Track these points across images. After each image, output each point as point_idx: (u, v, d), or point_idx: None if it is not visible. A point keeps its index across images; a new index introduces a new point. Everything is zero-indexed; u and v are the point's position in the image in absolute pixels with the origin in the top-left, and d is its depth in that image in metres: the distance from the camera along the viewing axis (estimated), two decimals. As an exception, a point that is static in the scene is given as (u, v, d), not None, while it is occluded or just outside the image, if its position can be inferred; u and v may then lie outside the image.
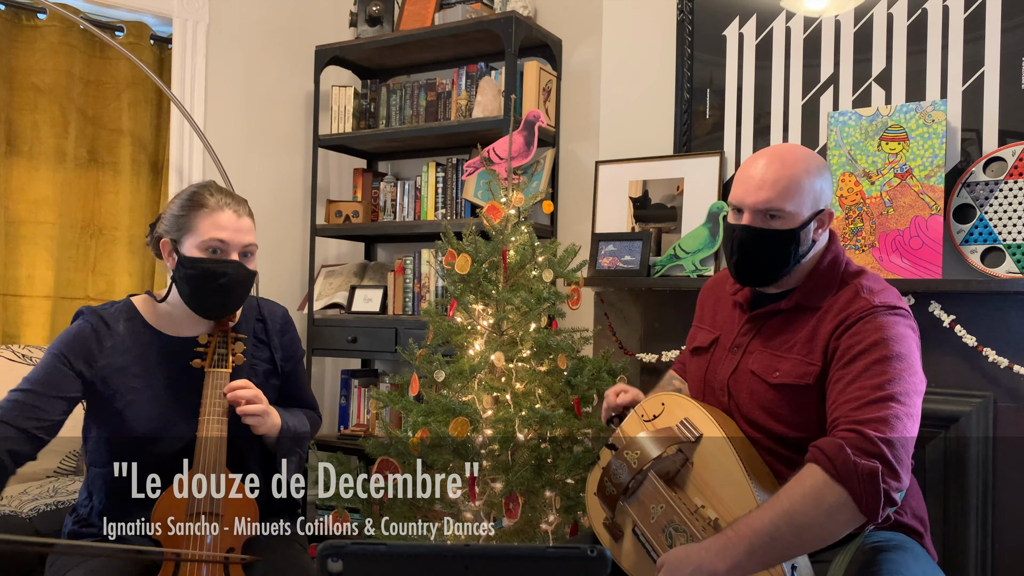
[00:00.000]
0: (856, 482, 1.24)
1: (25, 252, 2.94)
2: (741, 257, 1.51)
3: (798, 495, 1.26)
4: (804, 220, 1.48)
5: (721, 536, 1.25)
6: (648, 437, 1.48)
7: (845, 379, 1.38)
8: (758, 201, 1.47)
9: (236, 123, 3.38)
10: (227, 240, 1.58)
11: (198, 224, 1.58)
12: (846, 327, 1.43)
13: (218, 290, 1.59)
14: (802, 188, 1.47)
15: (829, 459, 1.27)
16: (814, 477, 1.27)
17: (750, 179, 1.49)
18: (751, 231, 1.48)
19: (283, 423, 1.66)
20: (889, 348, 1.37)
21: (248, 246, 1.62)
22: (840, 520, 1.26)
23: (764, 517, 1.24)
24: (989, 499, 2.08)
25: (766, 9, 2.52)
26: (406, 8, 3.34)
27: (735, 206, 1.52)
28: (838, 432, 1.32)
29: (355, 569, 0.81)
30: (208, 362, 1.62)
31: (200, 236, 1.58)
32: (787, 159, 1.48)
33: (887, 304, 1.43)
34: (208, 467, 1.54)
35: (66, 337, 1.63)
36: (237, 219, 1.60)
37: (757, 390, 1.51)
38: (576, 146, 3.15)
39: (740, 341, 1.58)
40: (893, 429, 1.29)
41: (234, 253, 1.60)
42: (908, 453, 1.31)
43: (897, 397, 1.32)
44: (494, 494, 2.16)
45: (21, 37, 2.93)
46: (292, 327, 1.82)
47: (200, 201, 1.60)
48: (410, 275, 3.25)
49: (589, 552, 0.81)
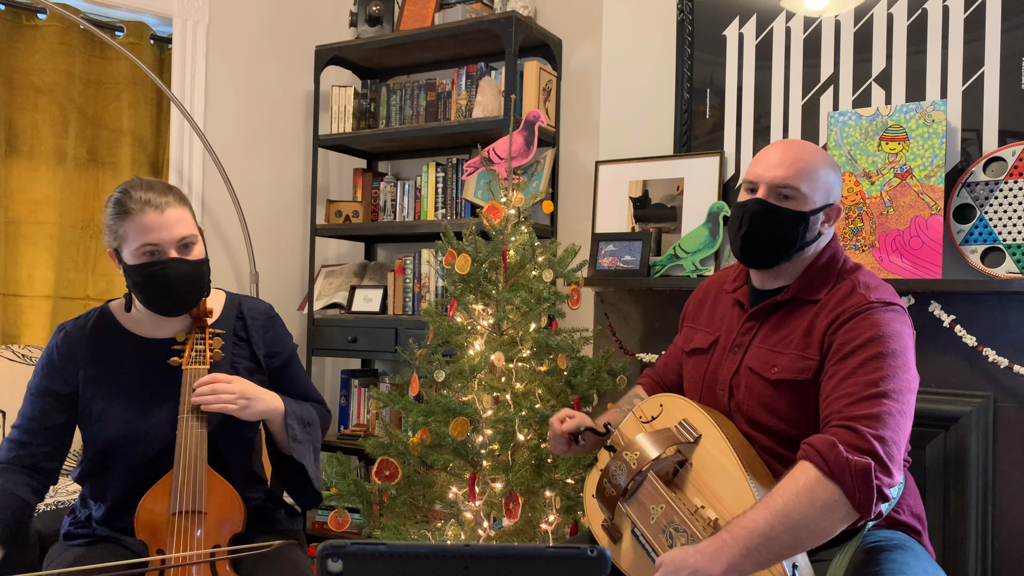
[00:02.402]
0: (848, 478, 1.25)
1: (25, 252, 2.94)
2: (750, 229, 1.51)
3: (791, 493, 1.26)
4: (815, 207, 1.50)
5: (716, 538, 1.25)
6: (647, 438, 1.48)
7: (839, 375, 1.39)
8: (775, 177, 1.50)
9: (236, 123, 3.38)
10: (157, 242, 1.53)
11: (127, 231, 1.54)
12: (842, 322, 1.43)
13: (166, 290, 1.55)
14: (818, 175, 1.50)
15: (821, 456, 1.28)
16: (807, 474, 1.27)
17: (769, 159, 1.52)
18: (764, 205, 1.50)
19: (286, 406, 1.64)
20: (884, 345, 1.37)
21: (183, 239, 1.56)
22: (834, 517, 1.26)
23: (758, 517, 1.24)
24: (989, 499, 2.08)
25: (766, 9, 2.52)
26: (406, 8, 3.34)
27: (749, 184, 1.54)
28: (830, 428, 1.33)
29: (355, 569, 0.80)
30: (185, 359, 1.60)
31: (133, 243, 1.54)
32: (806, 147, 1.53)
33: (883, 300, 1.44)
34: (189, 465, 1.53)
35: (40, 364, 1.64)
36: (160, 216, 1.53)
37: (756, 387, 1.51)
38: (576, 146, 3.15)
39: (741, 340, 1.58)
40: (885, 426, 1.30)
41: (170, 250, 1.54)
42: (900, 450, 1.31)
43: (890, 394, 1.33)
44: (494, 494, 2.16)
45: (21, 37, 2.93)
46: (277, 323, 1.78)
47: (123, 207, 1.55)
48: (410, 275, 3.25)
49: (589, 552, 0.81)
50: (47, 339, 2.92)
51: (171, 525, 1.49)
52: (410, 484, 2.25)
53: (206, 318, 1.66)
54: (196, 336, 1.64)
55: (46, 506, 2.30)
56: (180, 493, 1.51)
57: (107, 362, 1.62)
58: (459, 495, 2.22)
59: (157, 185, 1.59)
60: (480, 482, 2.16)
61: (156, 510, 1.51)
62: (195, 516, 1.51)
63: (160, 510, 1.51)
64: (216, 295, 1.75)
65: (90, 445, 1.61)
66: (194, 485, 1.52)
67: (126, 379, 1.62)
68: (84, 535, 1.62)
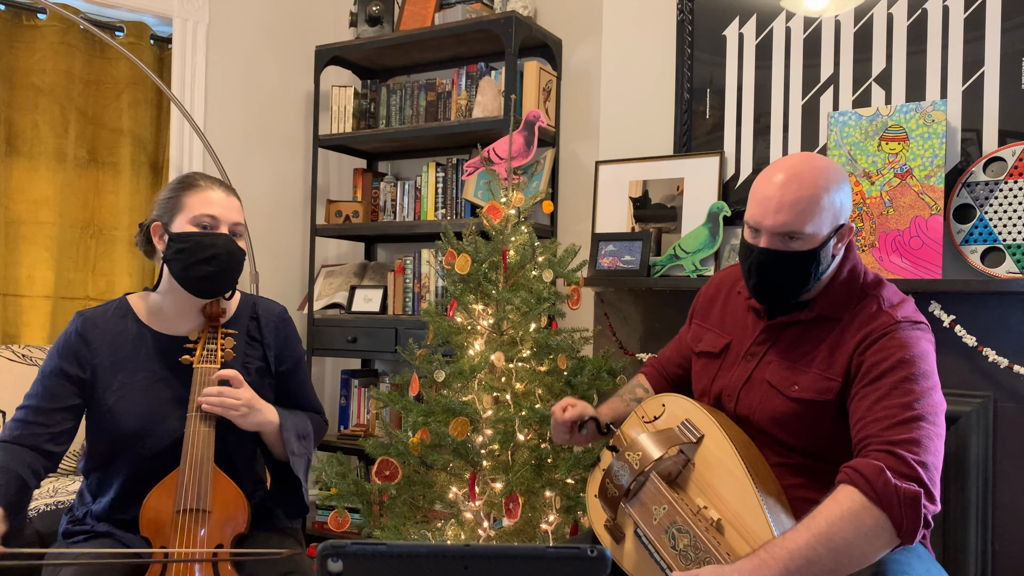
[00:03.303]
0: (897, 505, 1.23)
1: (25, 252, 2.94)
2: (760, 281, 1.47)
3: (836, 517, 1.24)
4: (824, 239, 1.43)
5: (755, 556, 1.23)
6: (649, 438, 1.48)
7: (871, 396, 1.36)
8: (776, 224, 1.42)
9: (236, 123, 3.38)
10: (217, 215, 1.60)
11: (188, 202, 1.61)
12: (870, 343, 1.40)
13: (209, 262, 1.58)
14: (821, 207, 1.41)
15: (868, 482, 1.25)
16: (852, 500, 1.25)
17: (768, 200, 1.43)
18: (769, 254, 1.44)
19: (281, 420, 1.65)
20: (916, 366, 1.36)
21: (236, 225, 1.63)
22: (878, 544, 1.24)
23: (800, 539, 1.22)
24: (989, 499, 2.08)
25: (766, 9, 2.52)
26: (406, 8, 3.34)
27: (752, 226, 1.48)
28: (871, 453, 1.30)
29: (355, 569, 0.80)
30: (196, 358, 1.61)
31: (191, 212, 1.60)
32: (806, 178, 1.42)
33: (909, 319, 1.42)
34: (195, 463, 1.53)
35: (56, 346, 1.64)
36: (225, 197, 1.63)
37: (772, 401, 1.49)
38: (576, 146, 3.15)
39: (755, 350, 1.55)
40: (927, 451, 1.28)
41: (224, 228, 1.61)
42: (939, 473, 1.30)
43: (927, 416, 1.31)
44: (494, 494, 2.16)
45: (21, 37, 2.93)
46: (289, 327, 1.79)
47: (190, 182, 1.64)
48: (410, 275, 3.25)
49: (589, 552, 0.81)
50: (47, 339, 2.93)
51: (175, 523, 1.50)
52: (410, 484, 2.25)
53: (219, 317, 1.67)
54: (209, 335, 1.65)
55: (46, 506, 2.30)
56: (185, 491, 1.51)
57: (123, 352, 1.63)
58: (459, 495, 2.22)
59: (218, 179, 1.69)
60: (480, 482, 2.16)
61: (161, 507, 1.51)
62: (199, 515, 1.51)
63: (165, 507, 1.51)
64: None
65: (99, 436, 1.61)
66: (200, 484, 1.52)
67: (141, 372, 1.62)
68: (82, 532, 1.62)
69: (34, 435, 1.56)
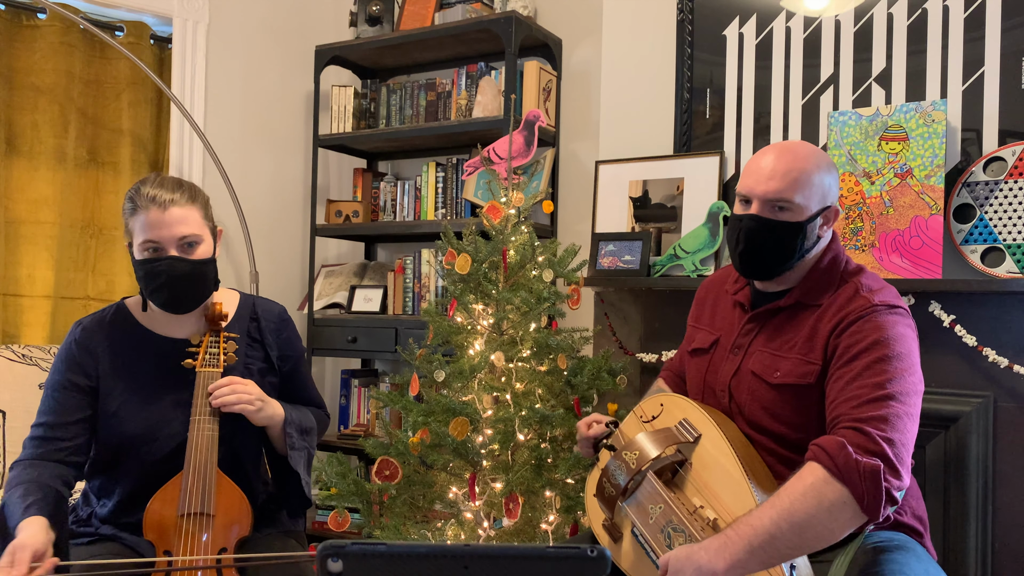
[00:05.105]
0: (858, 480, 1.24)
1: (25, 252, 2.94)
2: (747, 247, 1.51)
3: (798, 493, 1.25)
4: (811, 214, 1.48)
5: (721, 535, 1.25)
6: (646, 437, 1.48)
7: (845, 377, 1.38)
8: (768, 191, 1.47)
9: (236, 123, 3.38)
10: (158, 239, 1.54)
11: (133, 227, 1.57)
12: (846, 325, 1.43)
13: (163, 287, 1.56)
14: (811, 182, 1.47)
15: (830, 457, 1.27)
16: (814, 475, 1.27)
17: (760, 170, 1.49)
18: (759, 220, 1.49)
19: (286, 414, 1.65)
20: (889, 347, 1.37)
21: (184, 237, 1.56)
22: (841, 519, 1.25)
23: (764, 516, 1.24)
24: (989, 499, 2.08)
25: (766, 9, 2.52)
26: (406, 8, 3.34)
27: (743, 196, 1.52)
28: (838, 430, 1.32)
29: (355, 569, 0.80)
30: (199, 362, 1.61)
31: (137, 239, 1.57)
32: (798, 153, 1.49)
33: (886, 303, 1.43)
34: (199, 467, 1.53)
35: (58, 359, 1.63)
36: (162, 214, 1.53)
37: (758, 391, 1.51)
38: (576, 146, 3.15)
39: (741, 342, 1.58)
40: (894, 428, 1.29)
41: (171, 248, 1.55)
42: (909, 452, 1.31)
43: (897, 396, 1.32)
44: (494, 494, 2.16)
45: (21, 37, 2.93)
46: (289, 326, 1.80)
47: (132, 203, 1.58)
48: (410, 275, 3.25)
49: (589, 552, 0.81)
50: (47, 339, 2.93)
51: (179, 527, 1.49)
52: (410, 484, 2.25)
53: (221, 321, 1.66)
54: (211, 339, 1.65)
55: (46, 506, 2.29)
56: (189, 495, 1.51)
57: (125, 357, 1.63)
58: (459, 495, 2.22)
59: (168, 182, 1.59)
60: (480, 482, 2.16)
61: (164, 511, 1.51)
62: (203, 519, 1.51)
63: (169, 512, 1.51)
64: (230, 296, 1.76)
65: (102, 440, 1.61)
66: (203, 488, 1.52)
67: (142, 376, 1.62)
68: (86, 534, 1.62)
69: (57, 450, 1.55)
